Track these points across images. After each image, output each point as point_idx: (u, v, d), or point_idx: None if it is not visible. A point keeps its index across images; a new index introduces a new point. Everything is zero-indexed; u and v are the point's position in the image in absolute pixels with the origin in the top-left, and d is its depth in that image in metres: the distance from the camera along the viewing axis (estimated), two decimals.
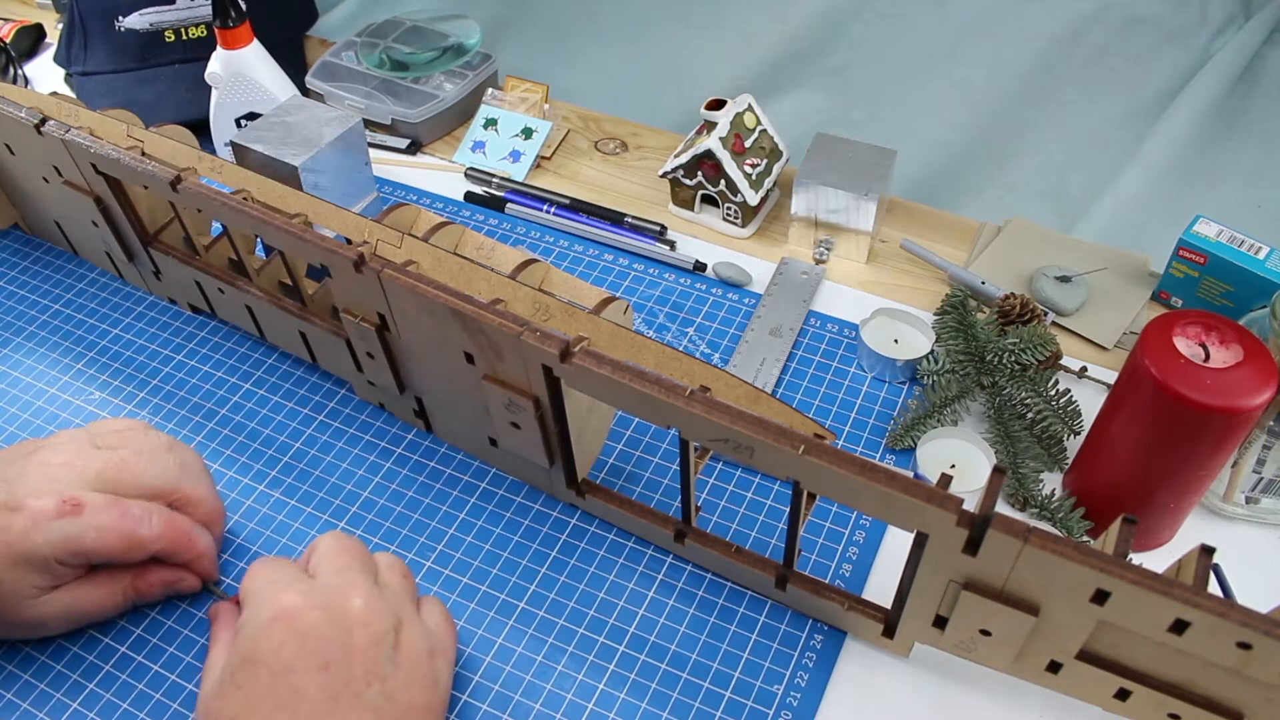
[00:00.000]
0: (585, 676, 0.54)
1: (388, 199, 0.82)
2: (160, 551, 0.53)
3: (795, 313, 0.72)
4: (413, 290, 0.53)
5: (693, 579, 0.58)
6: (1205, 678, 0.44)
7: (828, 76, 1.10)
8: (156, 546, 0.53)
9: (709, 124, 0.75)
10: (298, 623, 0.45)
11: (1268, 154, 0.97)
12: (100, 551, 0.51)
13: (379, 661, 0.45)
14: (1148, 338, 0.51)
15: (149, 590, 0.55)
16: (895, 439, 0.63)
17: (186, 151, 0.65)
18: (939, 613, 0.48)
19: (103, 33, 0.89)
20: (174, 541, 0.54)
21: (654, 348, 0.53)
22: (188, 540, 0.54)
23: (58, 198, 0.71)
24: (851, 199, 0.73)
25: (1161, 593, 0.40)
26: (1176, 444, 0.52)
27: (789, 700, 0.52)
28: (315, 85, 0.89)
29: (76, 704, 0.53)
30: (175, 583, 0.55)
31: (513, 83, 0.90)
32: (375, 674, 0.45)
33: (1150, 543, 0.58)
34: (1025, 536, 0.41)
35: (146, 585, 0.55)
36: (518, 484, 0.63)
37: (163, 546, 0.53)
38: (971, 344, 0.65)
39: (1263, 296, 0.64)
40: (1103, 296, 0.72)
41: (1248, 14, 1.05)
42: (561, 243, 0.79)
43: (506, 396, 0.54)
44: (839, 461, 0.44)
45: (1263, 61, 1.03)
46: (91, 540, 0.51)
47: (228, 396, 0.68)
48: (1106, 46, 1.06)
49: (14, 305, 0.75)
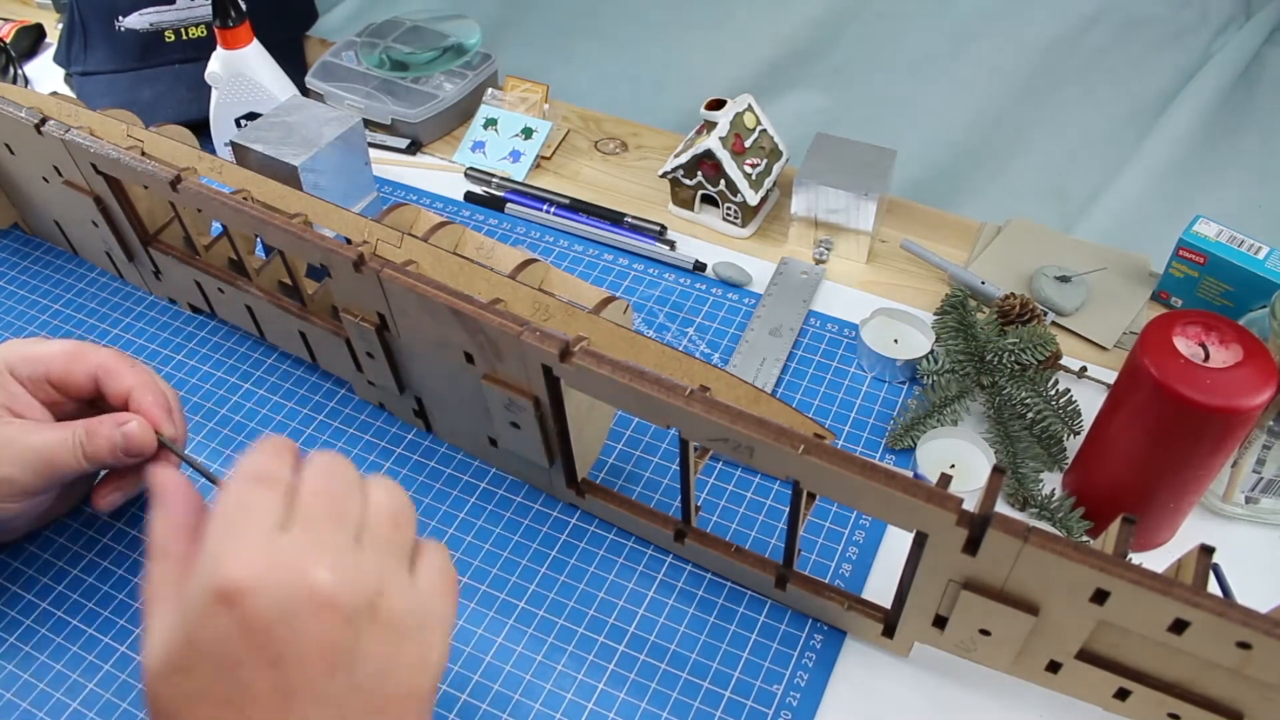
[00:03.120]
0: (585, 676, 0.54)
1: (388, 199, 0.82)
2: (103, 366, 0.55)
3: (795, 313, 0.72)
4: (412, 290, 0.53)
5: (693, 579, 0.58)
6: (1205, 678, 0.44)
7: (828, 76, 1.10)
8: (100, 357, 0.55)
9: (709, 124, 0.75)
10: (243, 608, 0.37)
11: (1268, 154, 0.97)
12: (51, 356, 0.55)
13: (346, 646, 0.38)
14: (1148, 338, 0.51)
15: (100, 432, 0.53)
16: (895, 439, 0.63)
17: (186, 151, 0.65)
18: (939, 613, 0.48)
19: (103, 33, 0.89)
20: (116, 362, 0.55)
21: (654, 348, 0.53)
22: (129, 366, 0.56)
23: (58, 198, 0.71)
24: (851, 199, 0.73)
25: (1161, 592, 0.40)
26: (1176, 444, 0.52)
27: (789, 700, 0.52)
28: (315, 85, 0.89)
29: (76, 704, 0.53)
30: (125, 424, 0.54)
31: (513, 83, 0.90)
32: (340, 661, 0.38)
33: (1150, 543, 0.58)
34: (1025, 536, 0.41)
35: (97, 424, 0.54)
36: (518, 484, 0.63)
37: (106, 361, 0.55)
38: (971, 344, 0.65)
39: (1263, 296, 0.64)
40: (1103, 296, 0.72)
41: (1248, 14, 1.05)
42: (561, 243, 0.79)
43: (506, 396, 0.54)
44: (839, 461, 0.44)
45: (1263, 61, 1.03)
46: (40, 351, 0.55)
47: (228, 396, 0.68)
48: (1107, 46, 1.06)
49: (14, 305, 0.75)
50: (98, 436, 0.53)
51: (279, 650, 0.37)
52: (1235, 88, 1.02)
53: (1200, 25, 1.06)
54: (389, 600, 0.39)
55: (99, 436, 0.53)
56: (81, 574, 0.59)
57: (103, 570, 0.59)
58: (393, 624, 0.39)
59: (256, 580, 0.37)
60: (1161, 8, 1.07)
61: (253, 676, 0.37)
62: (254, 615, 0.37)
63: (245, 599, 0.37)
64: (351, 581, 0.38)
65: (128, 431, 0.54)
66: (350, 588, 0.38)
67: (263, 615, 0.37)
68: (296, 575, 0.38)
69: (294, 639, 0.37)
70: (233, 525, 0.39)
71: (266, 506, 0.40)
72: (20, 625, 0.57)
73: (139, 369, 0.57)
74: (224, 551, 0.38)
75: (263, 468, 0.41)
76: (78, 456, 0.53)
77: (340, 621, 0.38)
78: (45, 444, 0.53)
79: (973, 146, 1.04)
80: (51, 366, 0.55)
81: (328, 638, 0.38)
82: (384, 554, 0.40)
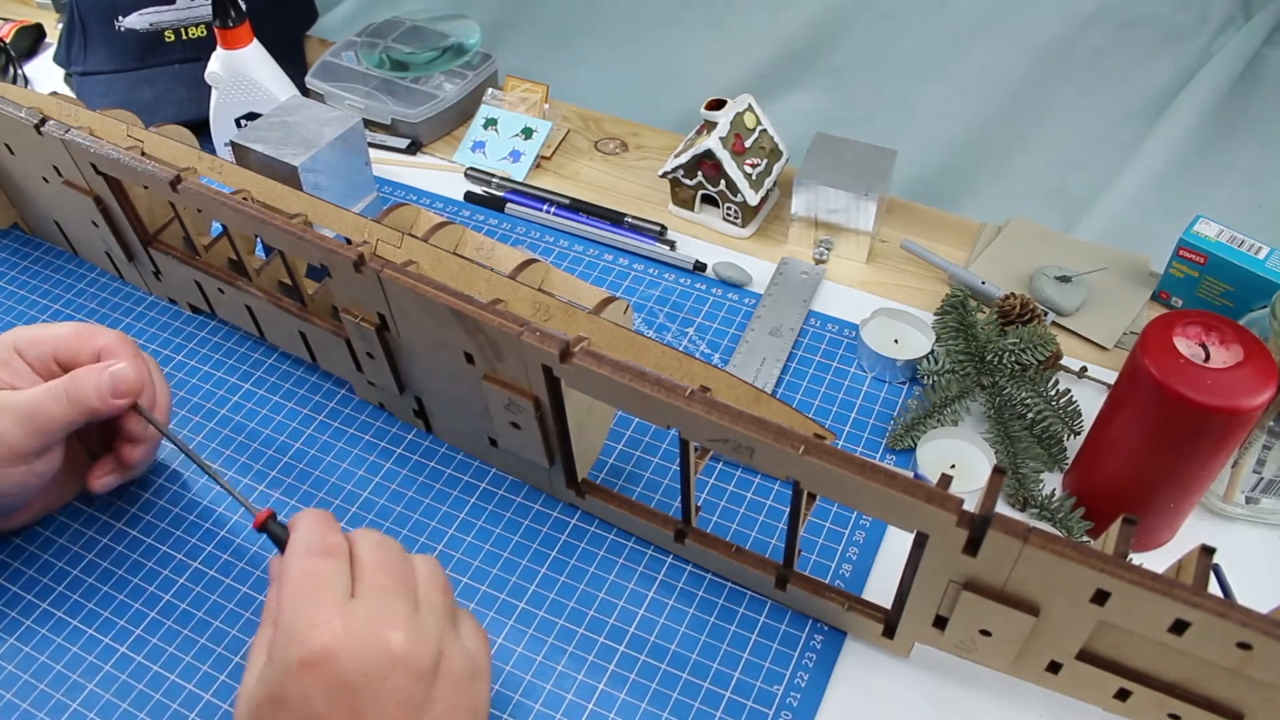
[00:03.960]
0: (585, 676, 0.54)
1: (388, 199, 0.82)
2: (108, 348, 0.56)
3: (795, 313, 0.72)
4: (413, 290, 0.53)
5: (693, 579, 0.58)
6: (1205, 678, 0.44)
7: (828, 76, 1.10)
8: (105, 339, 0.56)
9: (709, 124, 0.75)
10: (330, 671, 0.42)
11: (1268, 154, 0.97)
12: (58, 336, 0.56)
13: (417, 700, 0.43)
14: (1148, 338, 0.51)
15: (86, 375, 0.54)
16: (895, 439, 0.63)
17: (186, 151, 0.65)
18: (939, 613, 0.48)
19: (103, 33, 0.89)
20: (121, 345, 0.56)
21: (654, 348, 0.53)
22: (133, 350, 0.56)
23: (58, 198, 0.71)
24: (851, 199, 0.73)
25: (1161, 593, 0.40)
26: (1176, 444, 0.52)
27: (789, 700, 0.52)
28: (315, 85, 0.89)
29: (76, 704, 0.53)
30: (111, 367, 0.54)
31: (513, 83, 0.90)
32: (412, 714, 0.43)
33: (1150, 543, 0.58)
34: (1025, 536, 0.41)
35: (83, 370, 0.54)
36: (518, 484, 0.63)
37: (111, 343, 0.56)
38: (971, 344, 0.65)
39: (1263, 296, 0.64)
40: (1103, 296, 0.72)
41: (1248, 14, 1.05)
42: (561, 243, 0.79)
43: (506, 396, 0.54)
44: (839, 461, 0.44)
45: (1263, 61, 1.03)
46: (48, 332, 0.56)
47: (228, 396, 0.68)
48: (1106, 47, 1.06)
49: (14, 305, 0.75)
50: (83, 380, 0.53)
51: (361, 705, 0.42)
52: (1235, 88, 1.02)
53: (1200, 25, 1.06)
54: (448, 658, 0.45)
55: (84, 380, 0.53)
56: (82, 574, 0.59)
57: (103, 570, 0.59)
58: (453, 677, 0.45)
59: (341, 645, 0.42)
60: (1161, 8, 1.07)
61: None
62: (342, 678, 0.42)
63: (330, 663, 0.42)
64: (420, 643, 0.44)
65: (115, 371, 0.54)
66: (419, 648, 0.43)
67: (347, 676, 0.42)
68: (374, 639, 0.43)
69: (374, 696, 0.42)
70: (309, 594, 0.44)
71: (335, 576, 0.45)
72: (20, 625, 0.57)
73: (141, 359, 0.57)
74: (309, 621, 0.43)
75: (320, 540, 0.46)
76: (63, 403, 0.53)
77: (413, 678, 0.43)
78: (31, 397, 0.53)
79: (973, 146, 1.04)
80: (59, 345, 0.56)
81: (403, 693, 0.43)
82: (439, 618, 0.46)
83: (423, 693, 0.43)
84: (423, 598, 0.46)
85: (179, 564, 0.59)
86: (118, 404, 0.54)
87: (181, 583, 0.58)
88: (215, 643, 0.55)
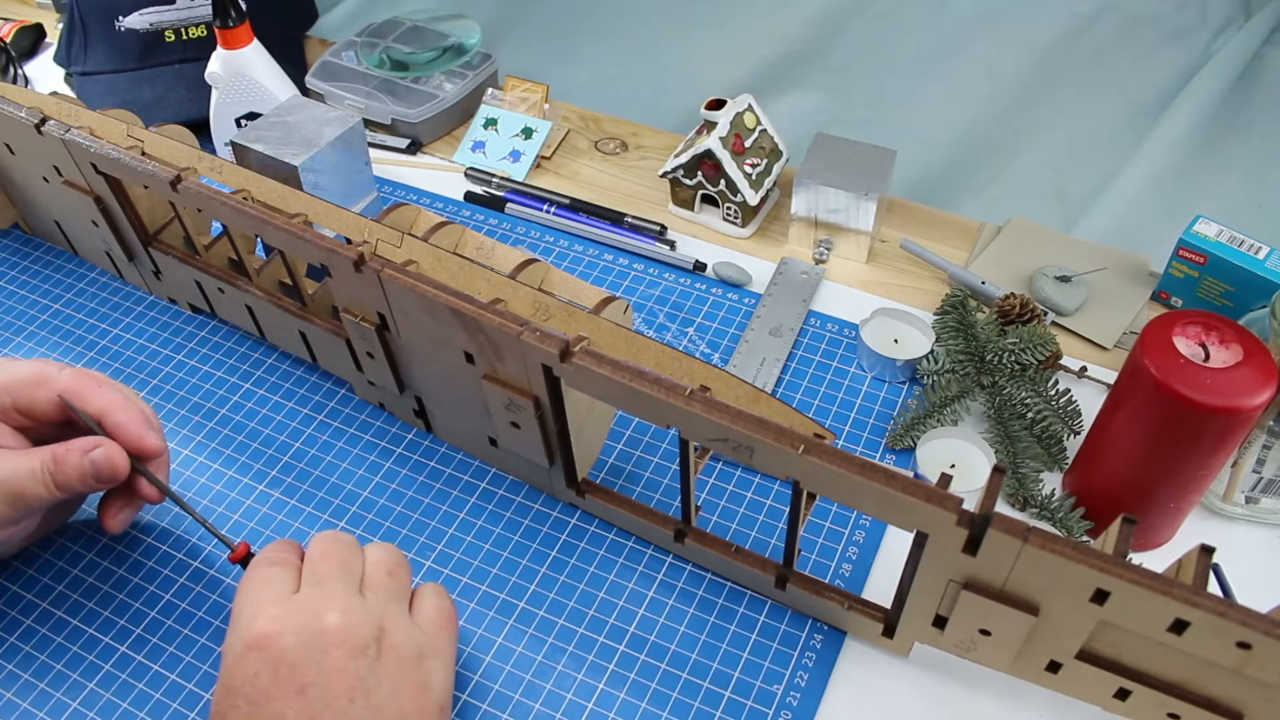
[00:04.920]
0: (585, 676, 0.54)
1: (388, 199, 0.82)
2: (68, 391, 0.54)
3: (795, 313, 0.72)
4: (412, 290, 0.53)
5: (693, 579, 0.58)
6: (1205, 677, 0.44)
7: (828, 76, 1.11)
8: (64, 381, 0.54)
9: (709, 124, 0.75)
10: (271, 650, 0.44)
11: (1268, 154, 0.97)
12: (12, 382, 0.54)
13: (360, 675, 0.45)
14: (1148, 337, 0.51)
15: (68, 460, 0.52)
16: (895, 439, 0.63)
17: (186, 151, 0.65)
18: (939, 612, 0.48)
19: (103, 33, 0.89)
20: (81, 385, 0.54)
21: (654, 348, 0.53)
22: (96, 385, 0.54)
23: (58, 198, 0.71)
24: (851, 199, 0.73)
25: (1161, 592, 0.40)
26: (1176, 444, 0.52)
27: (789, 700, 0.52)
28: (315, 85, 0.89)
29: (76, 704, 0.53)
30: (92, 450, 0.52)
31: (513, 83, 0.90)
32: (358, 689, 0.44)
33: (1150, 542, 0.58)
34: (1025, 536, 0.41)
35: (65, 452, 0.52)
36: (518, 484, 0.63)
37: (70, 385, 0.54)
38: (971, 344, 0.65)
39: (1263, 296, 0.64)
40: (1103, 296, 0.72)
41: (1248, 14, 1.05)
42: (561, 243, 0.79)
43: (506, 396, 0.54)
44: (839, 461, 0.44)
45: (1263, 61, 1.03)
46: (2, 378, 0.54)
47: (228, 396, 0.68)
48: (1106, 46, 1.06)
49: (14, 305, 0.75)
50: (65, 465, 0.52)
51: (304, 680, 0.44)
52: (1235, 88, 1.02)
53: (1200, 25, 1.07)
54: (391, 636, 0.47)
55: (67, 465, 0.52)
56: (82, 574, 0.59)
57: (103, 570, 0.59)
58: (396, 654, 0.47)
59: (279, 627, 0.45)
60: (1161, 8, 1.07)
61: (284, 708, 0.44)
62: (280, 653, 0.44)
63: (272, 641, 0.45)
64: (358, 621, 0.46)
65: (95, 459, 0.52)
66: (356, 626, 0.46)
67: (288, 653, 0.44)
68: (312, 619, 0.46)
69: (316, 670, 0.44)
70: (256, 594, 0.47)
71: (281, 579, 0.48)
72: (20, 625, 0.57)
73: (108, 388, 0.55)
74: (251, 613, 0.46)
75: (274, 555, 0.49)
76: (47, 485, 0.52)
77: (351, 654, 0.45)
78: (11, 474, 0.51)
79: (973, 146, 1.04)
80: (16, 394, 0.54)
81: (343, 668, 0.45)
82: (383, 598, 0.48)
83: (365, 668, 0.45)
84: (368, 581, 0.49)
85: (179, 563, 0.59)
86: (102, 486, 0.53)
87: (182, 582, 0.58)
88: (215, 642, 0.55)
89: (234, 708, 0.44)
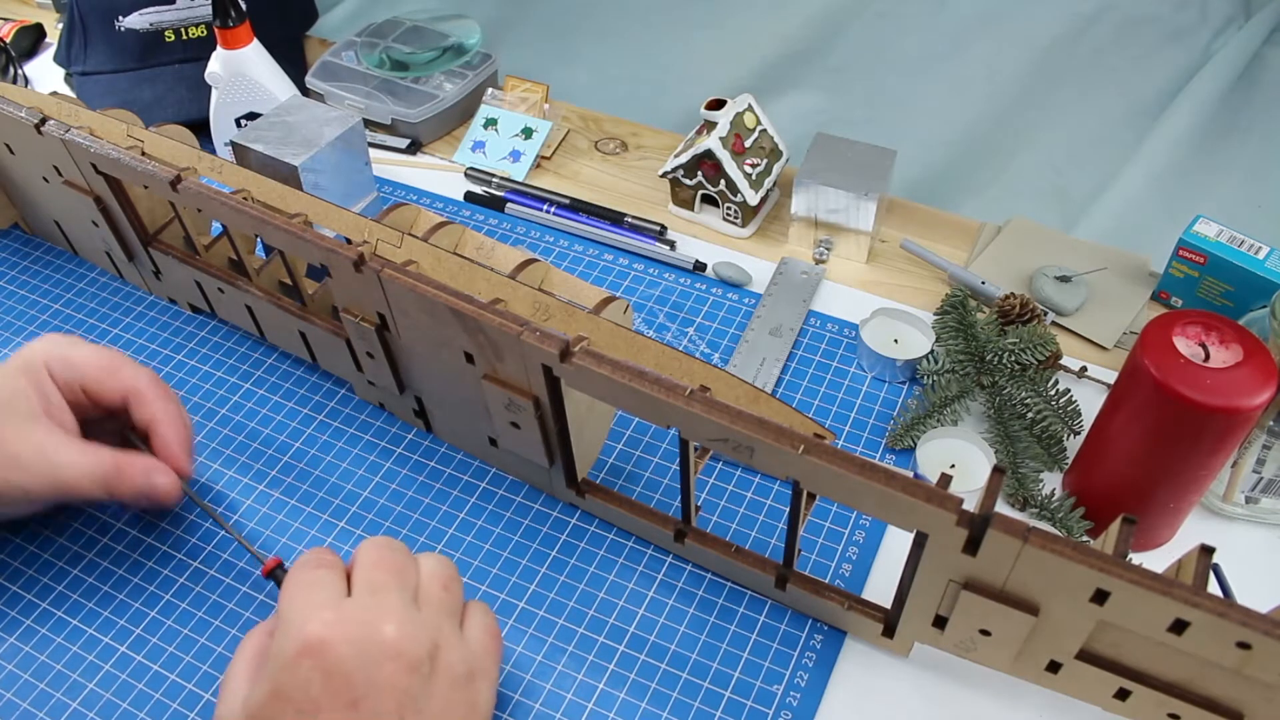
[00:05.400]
0: (585, 676, 0.54)
1: (388, 199, 0.82)
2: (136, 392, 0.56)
3: (795, 313, 0.72)
4: (412, 290, 0.53)
5: (693, 579, 0.58)
6: (1205, 678, 0.44)
7: (828, 76, 1.11)
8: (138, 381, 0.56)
9: (709, 124, 0.75)
10: (325, 658, 0.43)
11: (1268, 154, 0.97)
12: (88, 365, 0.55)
13: (412, 692, 0.43)
14: (1148, 337, 0.51)
15: (130, 476, 0.54)
16: (895, 439, 0.63)
17: (186, 151, 0.65)
18: (939, 613, 0.48)
19: (103, 33, 0.89)
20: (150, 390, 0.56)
21: (654, 348, 0.53)
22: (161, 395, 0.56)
23: (58, 198, 0.71)
24: (851, 199, 0.73)
25: (1161, 593, 0.40)
26: (1176, 444, 0.52)
27: (789, 700, 0.52)
28: (315, 85, 0.89)
29: (76, 704, 0.53)
30: (154, 473, 0.55)
31: (513, 83, 0.90)
32: (409, 706, 0.43)
33: (1150, 543, 0.58)
34: (1025, 536, 0.41)
35: (129, 466, 0.54)
36: (518, 484, 0.63)
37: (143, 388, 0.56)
38: (971, 344, 0.65)
39: (1263, 296, 0.64)
40: (1103, 296, 0.72)
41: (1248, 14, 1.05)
42: (561, 243, 0.79)
43: (506, 396, 0.54)
44: (839, 461, 0.44)
45: (1263, 61, 1.03)
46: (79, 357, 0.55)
47: (228, 396, 0.68)
48: (1106, 47, 1.07)
49: (14, 305, 0.75)
50: (127, 479, 0.54)
51: (357, 694, 0.42)
52: (1235, 88, 1.02)
53: (1200, 25, 1.07)
54: (445, 653, 0.45)
55: (128, 480, 0.54)
56: (82, 574, 0.59)
57: (103, 570, 0.59)
58: (449, 673, 0.45)
59: (333, 633, 0.43)
60: (1161, 8, 1.08)
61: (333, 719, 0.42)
62: (335, 663, 0.43)
63: (327, 649, 0.43)
64: (413, 635, 0.44)
65: (156, 484, 0.55)
66: (413, 640, 0.44)
67: (343, 662, 0.43)
68: (369, 629, 0.44)
69: (369, 684, 0.43)
70: (306, 596, 0.45)
71: (331, 581, 0.46)
72: (20, 625, 0.57)
73: (168, 399, 0.57)
74: (303, 615, 0.44)
75: (319, 558, 0.48)
76: (102, 488, 0.54)
77: (406, 669, 0.43)
78: (71, 467, 0.53)
79: (973, 146, 1.04)
80: (87, 376, 0.56)
81: (398, 684, 0.43)
82: (438, 613, 0.47)
83: (419, 685, 0.44)
84: (423, 593, 0.47)
85: (179, 563, 0.59)
86: (147, 508, 0.55)
87: (182, 582, 0.58)
88: (215, 642, 0.55)
89: (282, 714, 0.43)
